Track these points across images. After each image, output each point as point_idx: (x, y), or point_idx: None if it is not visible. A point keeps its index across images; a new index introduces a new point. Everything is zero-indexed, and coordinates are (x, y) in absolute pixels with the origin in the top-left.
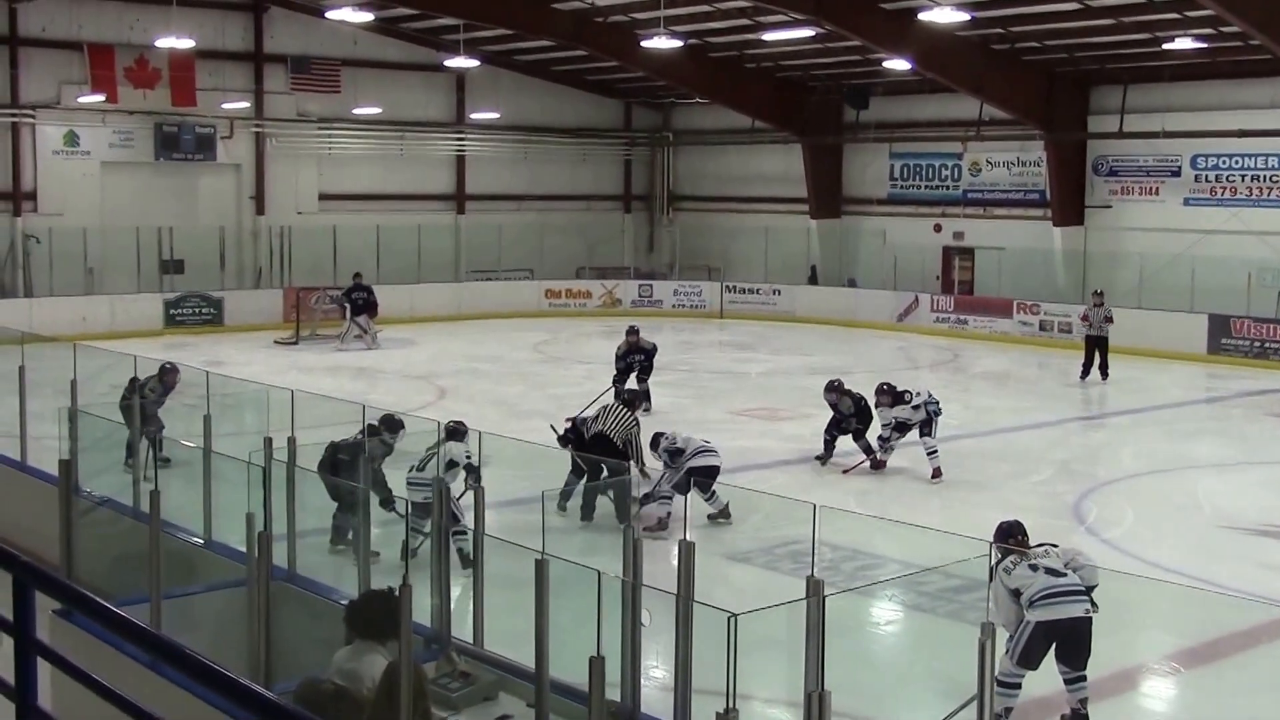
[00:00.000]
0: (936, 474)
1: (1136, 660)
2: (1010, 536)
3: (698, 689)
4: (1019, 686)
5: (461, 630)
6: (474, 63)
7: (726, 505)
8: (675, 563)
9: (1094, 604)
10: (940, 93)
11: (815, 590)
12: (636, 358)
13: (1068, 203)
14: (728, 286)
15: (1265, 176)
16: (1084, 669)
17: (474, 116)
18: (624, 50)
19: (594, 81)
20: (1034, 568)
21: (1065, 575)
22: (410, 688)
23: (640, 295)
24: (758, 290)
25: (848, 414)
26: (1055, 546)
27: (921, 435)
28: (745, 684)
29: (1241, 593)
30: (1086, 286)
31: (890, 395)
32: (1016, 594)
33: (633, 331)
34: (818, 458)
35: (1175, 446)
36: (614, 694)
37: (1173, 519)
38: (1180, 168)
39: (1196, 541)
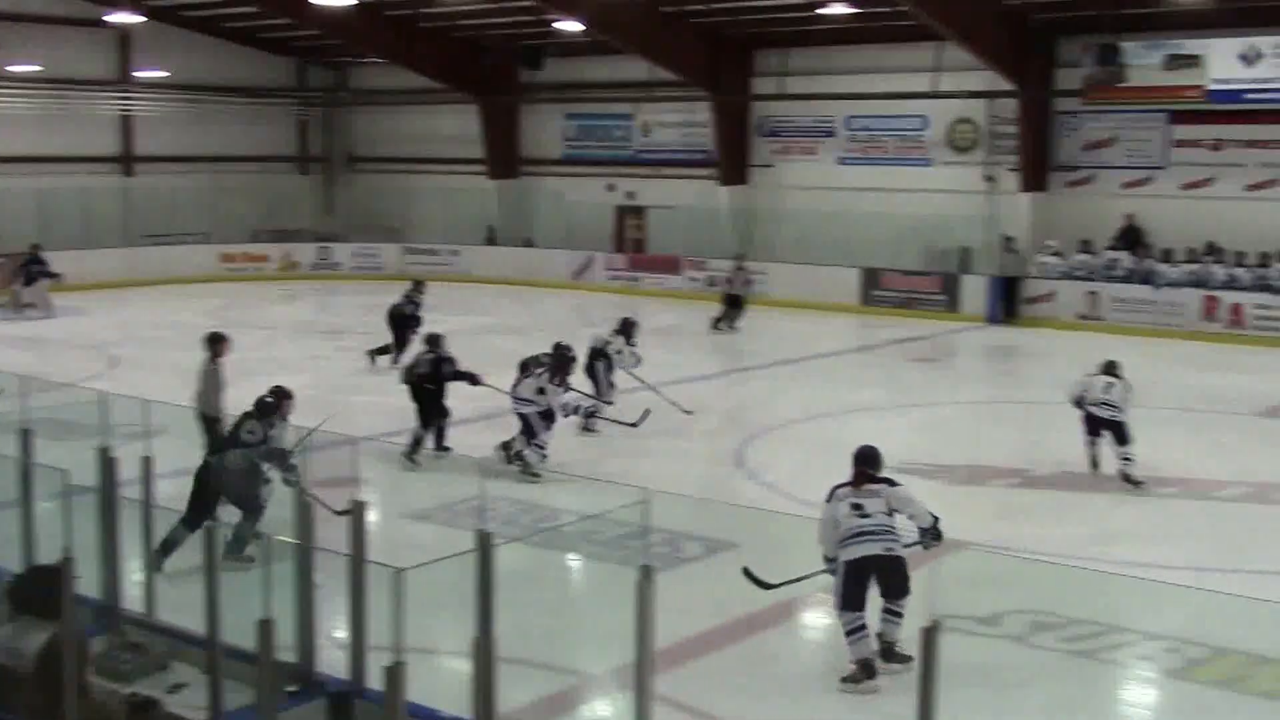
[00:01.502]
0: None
1: (793, 592)
2: (860, 463)
3: (378, 645)
4: (862, 629)
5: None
6: (138, 18)
7: (528, 464)
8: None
9: (934, 537)
10: (612, 54)
11: (483, 543)
12: (410, 309)
13: (733, 162)
14: (407, 248)
15: (911, 137)
16: (899, 603)
17: (140, 75)
18: (295, 7)
19: (266, 39)
20: (856, 506)
21: (871, 517)
22: (75, 662)
23: (319, 258)
24: (437, 251)
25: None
26: (898, 486)
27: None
28: (429, 638)
29: None
30: (752, 243)
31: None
32: (836, 524)
33: (419, 289)
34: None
35: (830, 393)
36: (291, 655)
37: (825, 461)
38: (835, 128)
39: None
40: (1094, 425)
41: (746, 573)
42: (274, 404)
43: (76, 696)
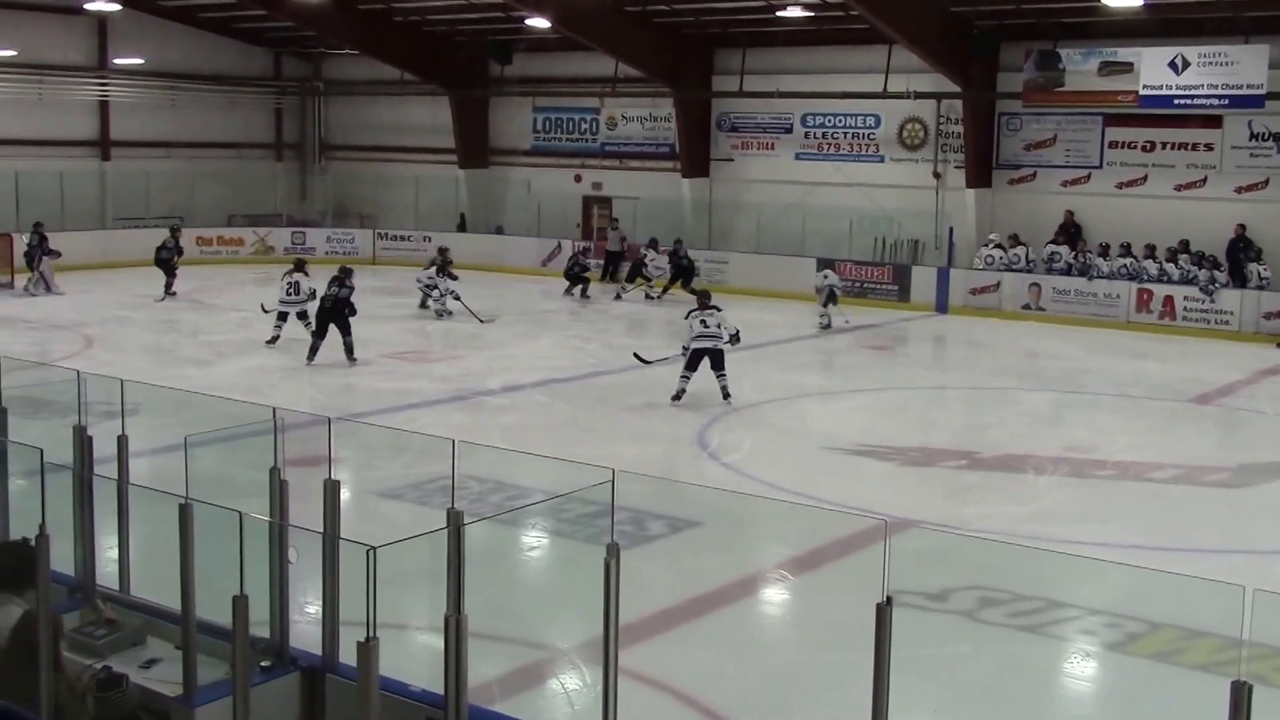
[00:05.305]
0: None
1: (754, 569)
2: (703, 298)
3: (350, 621)
4: (686, 378)
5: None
6: (115, 6)
7: None
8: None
9: (736, 340)
10: (579, 50)
11: (454, 520)
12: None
13: (694, 156)
14: (380, 233)
15: (864, 134)
16: (722, 373)
17: (117, 62)
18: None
19: (241, 29)
20: (702, 322)
21: (709, 327)
22: (50, 638)
23: (294, 242)
24: (409, 237)
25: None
26: (720, 311)
27: None
28: (400, 614)
29: (840, 505)
30: (712, 233)
31: None
32: (691, 329)
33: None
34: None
35: (788, 377)
36: (263, 631)
37: (784, 442)
38: (792, 125)
39: (804, 461)
40: None
41: (636, 355)
42: None
43: (51, 672)
